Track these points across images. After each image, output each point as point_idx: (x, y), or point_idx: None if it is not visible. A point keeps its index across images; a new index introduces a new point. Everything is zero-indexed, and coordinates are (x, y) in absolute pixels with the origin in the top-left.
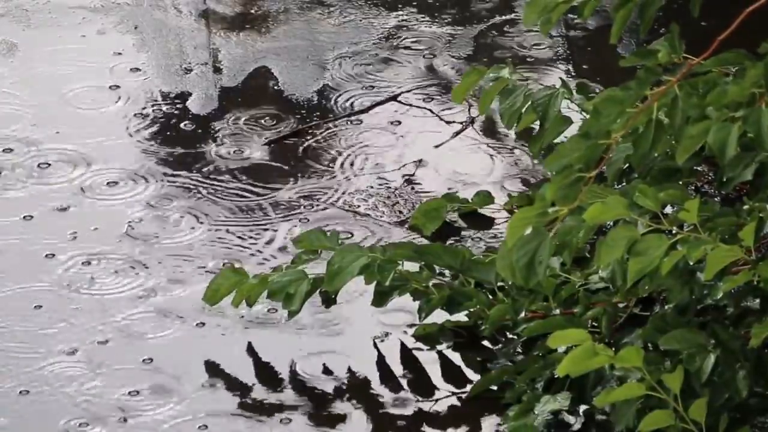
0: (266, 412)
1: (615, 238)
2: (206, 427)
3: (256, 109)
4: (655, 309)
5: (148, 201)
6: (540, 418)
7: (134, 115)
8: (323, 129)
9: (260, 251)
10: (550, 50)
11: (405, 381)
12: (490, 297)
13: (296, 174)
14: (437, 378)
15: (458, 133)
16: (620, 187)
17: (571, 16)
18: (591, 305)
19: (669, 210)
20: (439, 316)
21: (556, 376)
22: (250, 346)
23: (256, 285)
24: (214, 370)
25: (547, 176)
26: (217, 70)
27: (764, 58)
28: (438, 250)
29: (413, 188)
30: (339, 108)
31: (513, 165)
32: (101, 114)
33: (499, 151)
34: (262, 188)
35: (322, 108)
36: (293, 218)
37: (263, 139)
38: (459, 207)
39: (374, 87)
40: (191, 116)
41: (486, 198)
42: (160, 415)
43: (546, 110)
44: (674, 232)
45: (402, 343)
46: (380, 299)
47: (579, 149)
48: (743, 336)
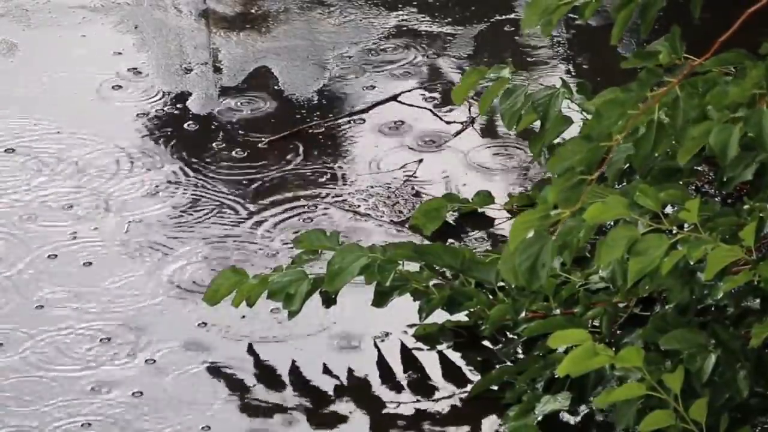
0: (266, 412)
1: (615, 238)
2: (208, 428)
3: (256, 109)
4: (656, 309)
5: (148, 200)
6: (540, 418)
7: (134, 115)
8: (323, 129)
9: (260, 251)
10: (551, 50)
11: (405, 381)
12: (491, 297)
13: (296, 174)
14: (437, 378)
15: (458, 133)
16: (621, 187)
17: (572, 16)
18: (591, 305)
19: (669, 210)
20: (440, 316)
21: (557, 376)
22: (251, 347)
23: (257, 285)
24: (215, 370)
25: (548, 176)
26: (217, 70)
27: (765, 59)
28: (438, 250)
29: (413, 188)
30: (339, 108)
31: (513, 165)
32: (101, 114)
33: (500, 151)
34: (262, 188)
35: (322, 108)
36: (293, 218)
37: (263, 139)
38: (459, 207)
39: (374, 87)
40: (191, 116)
41: (486, 198)
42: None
43: (546, 110)
44: (675, 232)
45: (402, 343)
46: (380, 299)
47: (581, 151)
48: (744, 336)
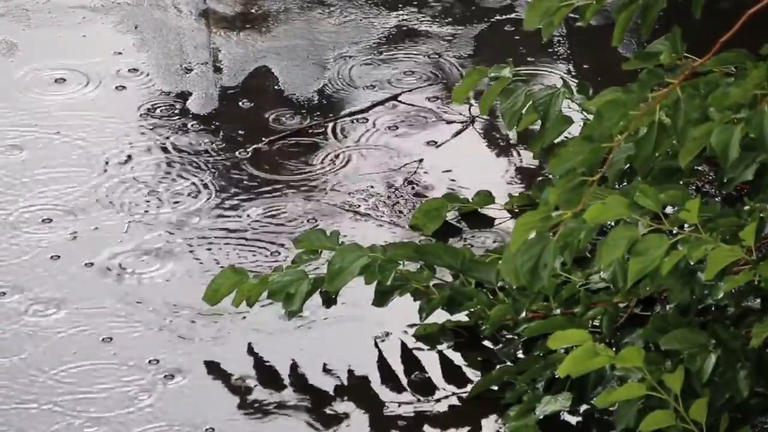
0: (266, 412)
1: (616, 238)
2: (211, 429)
3: (257, 109)
4: (656, 309)
5: (148, 199)
6: (540, 419)
7: (134, 115)
8: (323, 128)
9: (259, 250)
10: (551, 50)
11: (405, 381)
12: (491, 297)
13: (296, 173)
14: (438, 378)
15: (459, 133)
16: (621, 188)
17: (572, 16)
18: (592, 305)
19: (670, 210)
20: (440, 316)
21: (557, 377)
22: (250, 346)
23: (257, 285)
24: (215, 370)
25: (548, 176)
26: (218, 70)
27: (766, 59)
28: (438, 250)
29: (413, 188)
30: (339, 107)
31: (513, 164)
32: (101, 114)
33: (500, 151)
34: (262, 188)
35: (323, 107)
36: (293, 218)
37: (263, 139)
38: (459, 207)
39: (374, 87)
40: (191, 116)
41: (486, 198)
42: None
43: (547, 110)
44: (675, 232)
45: (402, 343)
46: (381, 299)
47: (582, 153)
48: (744, 336)
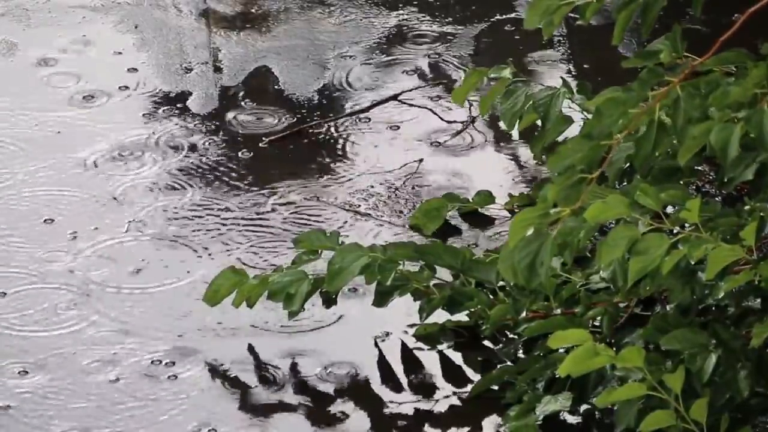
0: (266, 412)
1: (616, 238)
2: (214, 429)
3: (257, 109)
4: (656, 309)
5: (149, 200)
6: (541, 418)
7: (134, 115)
8: (324, 128)
9: (260, 250)
10: (551, 50)
11: (405, 381)
12: (491, 297)
13: (296, 173)
14: (438, 378)
15: (459, 133)
16: (621, 187)
17: (573, 16)
18: (592, 305)
19: (670, 209)
20: (440, 316)
21: (557, 376)
22: (250, 346)
23: (257, 285)
24: (215, 370)
25: (548, 176)
26: (218, 70)
27: (766, 59)
28: (439, 250)
29: (413, 188)
30: (339, 107)
31: (514, 165)
32: (101, 114)
33: (500, 151)
34: (262, 188)
35: (323, 107)
36: (293, 218)
37: (263, 139)
38: (459, 207)
39: (375, 86)
40: (191, 115)
41: (487, 198)
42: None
43: (547, 110)
44: (675, 232)
45: (403, 343)
46: (381, 299)
47: (581, 150)
48: (744, 336)
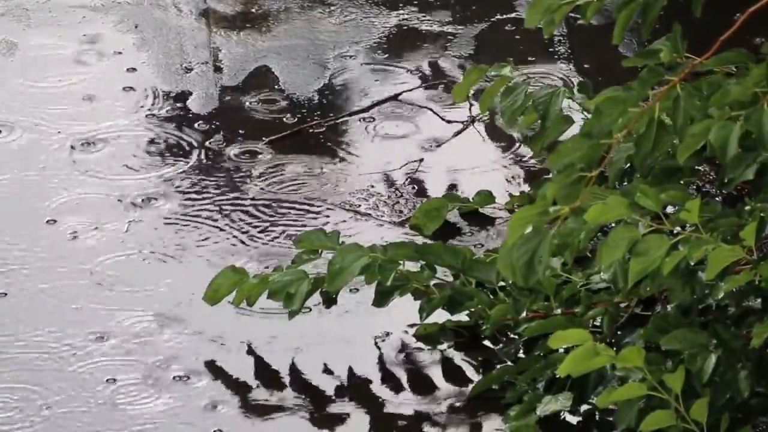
0: (266, 412)
1: (616, 239)
2: (218, 430)
3: (257, 109)
4: (657, 309)
5: (149, 200)
6: (541, 418)
7: (134, 115)
8: (324, 128)
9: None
10: (552, 49)
11: (405, 381)
12: (491, 297)
13: (296, 173)
14: (438, 378)
15: (459, 133)
16: (621, 187)
17: (573, 15)
18: (592, 305)
19: (670, 210)
20: (440, 316)
21: (558, 376)
22: (250, 347)
23: (257, 285)
24: (215, 371)
25: (549, 175)
26: (218, 69)
27: (766, 59)
28: (439, 250)
29: (414, 188)
30: (339, 107)
31: (514, 164)
32: (101, 113)
33: (500, 151)
34: (262, 188)
35: (323, 107)
36: (293, 217)
37: (263, 139)
38: (460, 206)
39: (375, 86)
40: (191, 115)
41: (487, 198)
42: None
43: (547, 109)
44: (676, 233)
45: (403, 343)
46: (381, 299)
47: (581, 149)
48: (745, 336)
